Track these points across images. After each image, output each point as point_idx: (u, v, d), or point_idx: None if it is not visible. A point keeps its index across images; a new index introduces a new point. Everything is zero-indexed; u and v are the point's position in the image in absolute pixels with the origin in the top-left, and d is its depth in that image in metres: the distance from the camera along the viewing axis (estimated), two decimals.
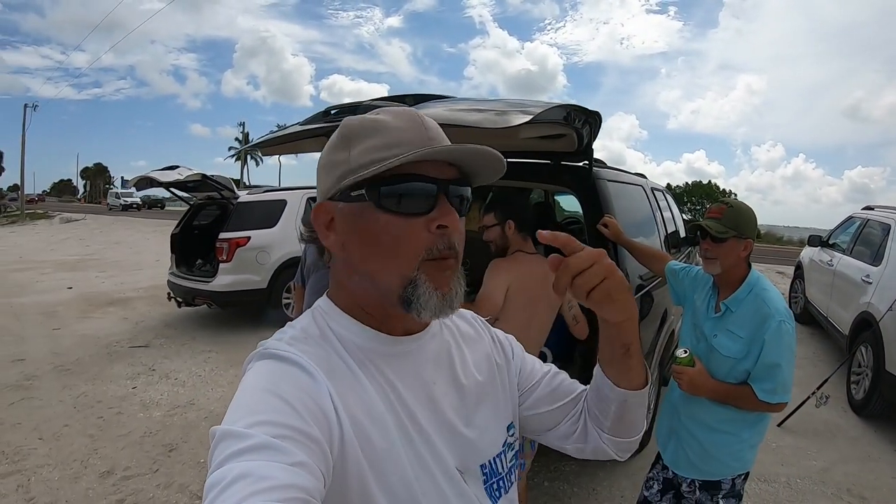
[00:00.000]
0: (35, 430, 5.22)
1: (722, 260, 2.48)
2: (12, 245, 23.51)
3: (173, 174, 8.10)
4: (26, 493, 4.15)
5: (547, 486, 4.20)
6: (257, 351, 0.94)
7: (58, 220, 36.37)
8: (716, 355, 2.49)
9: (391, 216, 0.93)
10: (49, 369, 6.98)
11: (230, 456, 0.71)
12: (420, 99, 3.19)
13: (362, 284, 0.98)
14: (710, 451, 2.54)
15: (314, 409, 0.82)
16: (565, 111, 2.86)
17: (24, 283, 13.49)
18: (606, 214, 3.43)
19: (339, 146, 0.98)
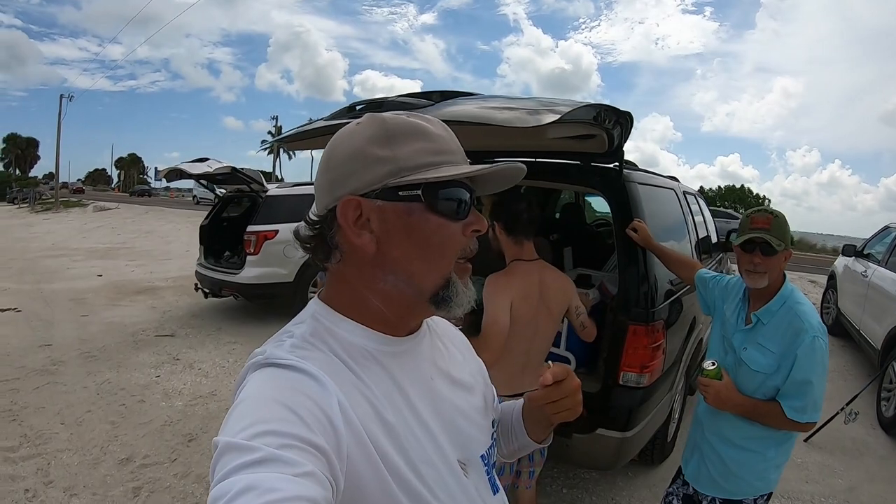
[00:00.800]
0: (58, 414, 5.28)
1: (770, 273, 2.36)
2: (46, 232, 23.96)
3: (203, 166, 8.12)
4: (45, 477, 4.19)
5: (565, 493, 4.13)
6: (255, 360, 0.92)
7: (91, 208, 36.98)
8: (744, 369, 2.40)
9: (441, 219, 0.95)
10: (75, 355, 7.06)
11: (234, 469, 0.70)
12: (447, 95, 3.13)
13: (395, 285, 0.98)
14: (733, 469, 2.46)
15: (320, 417, 0.81)
16: (595, 111, 2.79)
17: (56, 270, 13.74)
18: (636, 218, 3.36)
19: (381, 141, 0.95)
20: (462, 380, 1.16)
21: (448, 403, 1.08)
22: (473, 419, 1.13)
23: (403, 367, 1.01)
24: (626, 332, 3.26)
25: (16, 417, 5.20)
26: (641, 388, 3.29)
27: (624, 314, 3.31)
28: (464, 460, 1.06)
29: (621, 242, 3.40)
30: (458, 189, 0.96)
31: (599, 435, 3.30)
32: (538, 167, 3.97)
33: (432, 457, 0.98)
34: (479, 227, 0.99)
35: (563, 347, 3.78)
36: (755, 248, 2.35)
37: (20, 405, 5.48)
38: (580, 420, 3.26)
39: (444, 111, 2.76)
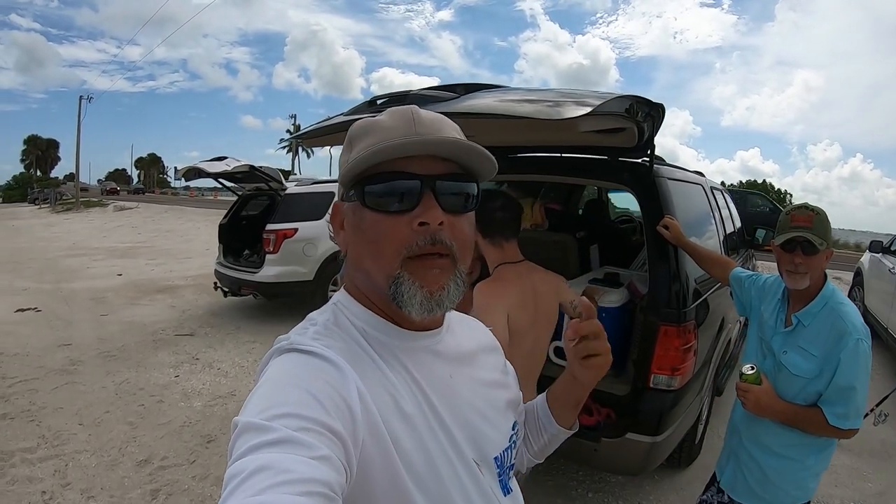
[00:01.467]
0: (76, 415, 5.27)
1: (812, 273, 2.25)
2: (66, 232, 24.33)
3: (221, 165, 8.10)
4: (62, 479, 4.17)
5: (591, 497, 4.05)
6: (278, 346, 0.93)
7: (111, 208, 37.41)
8: (784, 374, 2.30)
9: (376, 214, 0.95)
10: (94, 355, 7.07)
11: (251, 448, 0.70)
12: (471, 88, 3.04)
13: (363, 281, 1.01)
14: (772, 478, 2.37)
15: (339, 403, 0.81)
16: (628, 103, 2.67)
17: (76, 269, 13.90)
18: (667, 215, 3.26)
19: (345, 148, 1.03)
20: (484, 380, 1.15)
21: (466, 402, 1.06)
22: (492, 420, 1.11)
23: (420, 362, 1.01)
24: (657, 333, 3.16)
25: (34, 418, 5.19)
26: (672, 391, 3.19)
27: (654, 314, 3.20)
28: (478, 460, 1.04)
29: (651, 240, 3.29)
30: (391, 182, 0.94)
31: (629, 439, 3.20)
32: (566, 162, 3.92)
33: (448, 451, 0.97)
34: (424, 220, 0.93)
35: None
36: (796, 248, 2.24)
37: (39, 405, 5.47)
38: (609, 424, 3.18)
39: (466, 104, 2.70)
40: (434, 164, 0.96)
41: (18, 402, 5.56)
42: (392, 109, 1.00)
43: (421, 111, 0.99)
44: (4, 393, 5.77)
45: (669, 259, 3.25)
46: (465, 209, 1.00)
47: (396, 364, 0.97)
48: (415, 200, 0.93)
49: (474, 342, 1.20)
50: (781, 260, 2.32)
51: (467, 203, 1.00)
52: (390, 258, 0.94)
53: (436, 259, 0.95)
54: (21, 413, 5.29)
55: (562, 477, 4.26)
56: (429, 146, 0.94)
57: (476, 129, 3.26)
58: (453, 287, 0.98)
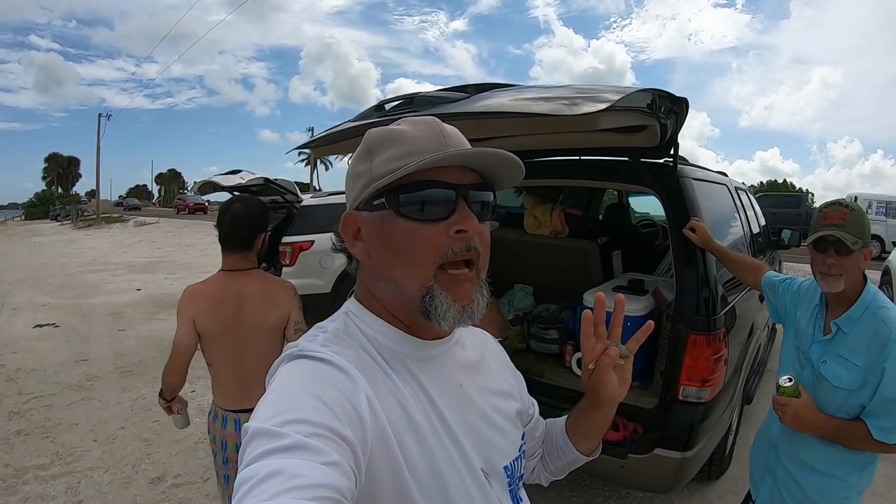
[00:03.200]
0: (91, 431, 5.28)
1: (847, 275, 2.08)
2: (87, 247, 24.90)
3: (236, 178, 8.09)
4: (75, 496, 4.16)
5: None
6: (288, 353, 0.94)
7: (132, 223, 38.28)
8: (825, 385, 2.13)
9: (411, 223, 0.95)
10: (111, 370, 7.10)
11: (263, 454, 0.71)
12: (482, 88, 2.95)
13: (388, 291, 1.00)
14: (812, 497, 2.22)
15: (349, 410, 0.82)
16: (650, 97, 2.55)
17: (96, 284, 14.14)
18: (693, 217, 3.13)
19: (362, 157, 1.01)
20: (493, 389, 1.16)
21: (475, 412, 1.07)
22: (501, 429, 1.12)
23: (431, 372, 1.01)
24: (686, 342, 3.02)
25: (48, 434, 5.21)
26: (703, 403, 3.05)
27: (683, 323, 3.07)
28: (487, 470, 1.04)
29: (678, 244, 3.16)
30: (427, 190, 0.95)
31: (657, 455, 3.05)
32: (585, 165, 3.83)
33: (456, 461, 0.97)
34: (463, 227, 0.95)
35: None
36: (828, 248, 2.09)
37: (54, 421, 5.49)
38: (636, 440, 3.04)
39: (479, 104, 2.60)
40: (464, 174, 0.98)
41: (34, 417, 5.59)
42: (412, 119, 1.02)
43: (443, 123, 1.01)
44: (21, 409, 5.81)
45: (697, 264, 3.12)
46: (488, 217, 1.02)
47: (406, 373, 0.98)
48: (451, 209, 0.95)
49: (483, 352, 1.21)
50: (814, 261, 2.17)
51: (488, 211, 1.02)
52: (426, 266, 0.95)
53: (465, 272, 0.97)
54: (36, 429, 5.30)
55: (587, 492, 4.15)
56: (470, 157, 0.97)
57: (489, 130, 3.15)
58: (481, 298, 1.01)
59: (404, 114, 2.74)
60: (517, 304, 4.65)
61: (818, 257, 2.13)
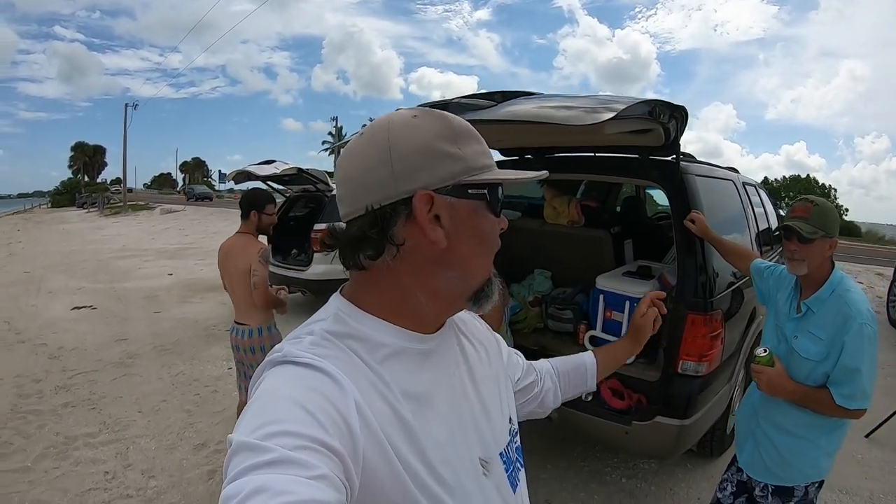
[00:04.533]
0: (135, 403, 5.59)
1: (809, 261, 2.41)
2: (116, 234, 24.70)
3: (270, 168, 8.31)
4: (124, 460, 4.46)
5: (624, 482, 4.18)
6: (272, 357, 0.91)
7: (158, 211, 37.97)
8: (795, 357, 2.45)
9: (492, 217, 1.00)
10: (149, 349, 7.41)
11: (246, 469, 0.69)
12: (509, 95, 3.24)
13: (450, 281, 0.98)
14: (786, 456, 2.51)
15: (336, 418, 0.80)
16: (650, 106, 2.87)
17: (128, 270, 14.26)
18: (693, 210, 3.41)
19: (448, 138, 0.95)
20: (484, 375, 1.16)
21: (469, 401, 1.07)
22: (493, 417, 1.12)
23: (427, 365, 1.01)
24: (685, 321, 3.31)
25: (95, 406, 5.50)
26: (700, 376, 3.34)
27: (682, 304, 3.36)
28: (485, 459, 1.05)
29: (679, 233, 3.45)
30: (501, 190, 1.01)
31: (658, 423, 3.35)
32: (599, 161, 4.12)
33: (451, 456, 0.96)
34: (504, 226, 1.03)
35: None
36: (792, 236, 2.42)
37: (99, 395, 5.79)
38: (639, 409, 3.34)
39: (505, 110, 2.90)
40: None
41: (79, 391, 5.88)
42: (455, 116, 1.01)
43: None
44: (66, 383, 6.11)
45: (696, 252, 3.40)
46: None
47: (401, 370, 0.96)
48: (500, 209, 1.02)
49: (472, 337, 1.21)
50: (783, 247, 2.52)
51: None
52: (492, 258, 1.02)
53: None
54: (82, 402, 5.60)
55: (597, 463, 4.41)
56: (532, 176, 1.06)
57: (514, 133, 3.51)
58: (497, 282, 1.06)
59: None
60: (536, 288, 4.90)
61: (784, 244, 2.49)
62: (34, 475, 4.24)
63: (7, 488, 4.06)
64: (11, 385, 6.09)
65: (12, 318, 9.15)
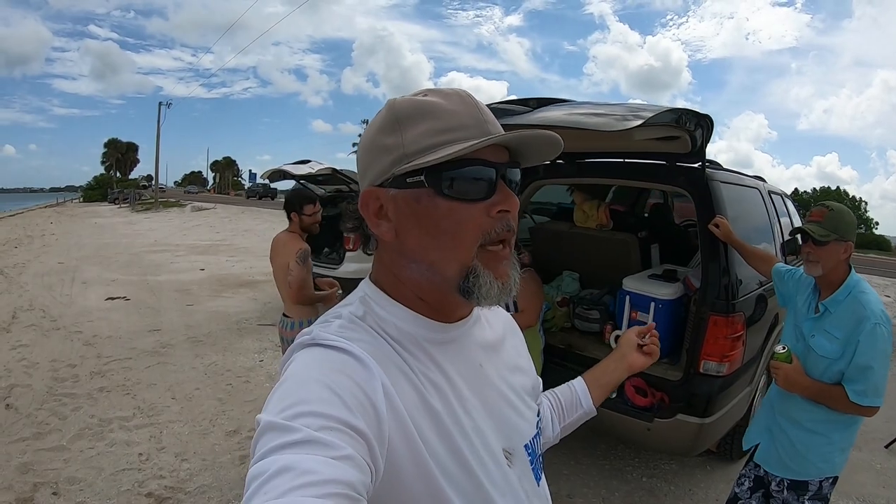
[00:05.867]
0: (168, 390, 5.76)
1: (823, 262, 2.54)
2: (148, 230, 25.08)
3: (305, 168, 8.40)
4: (158, 444, 4.61)
5: (645, 481, 4.25)
6: (301, 340, 0.91)
7: (189, 208, 38.50)
8: (812, 355, 2.56)
9: (453, 202, 0.91)
10: (182, 339, 7.61)
11: (273, 449, 0.69)
12: (543, 102, 3.39)
13: (421, 273, 0.96)
14: (800, 450, 2.61)
15: (363, 401, 0.80)
16: (676, 115, 3.00)
17: (161, 264, 14.51)
18: (718, 215, 3.51)
19: (389, 129, 0.94)
20: (510, 366, 1.15)
21: (495, 392, 1.06)
22: (519, 409, 1.11)
23: (451, 355, 0.99)
24: (707, 322, 3.41)
25: (129, 392, 5.68)
26: (721, 376, 3.43)
27: (705, 306, 3.46)
28: (509, 450, 1.03)
29: (704, 238, 3.56)
30: (471, 168, 0.91)
31: (680, 420, 3.44)
32: (628, 167, 4.23)
33: (477, 446, 0.95)
34: (506, 207, 0.94)
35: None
36: (807, 238, 2.55)
37: (133, 381, 5.96)
38: (662, 407, 3.43)
39: (539, 116, 3.05)
40: (499, 152, 0.95)
41: (114, 377, 6.07)
42: (442, 90, 0.97)
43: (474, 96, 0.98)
44: (101, 370, 6.30)
45: (720, 255, 3.50)
46: (517, 195, 0.99)
47: (425, 357, 0.96)
48: (491, 188, 0.92)
49: (500, 327, 1.19)
50: (801, 250, 2.66)
51: (517, 189, 1.00)
52: (468, 247, 0.92)
53: (504, 250, 0.96)
54: (117, 387, 5.78)
55: (618, 461, 4.49)
56: (527, 138, 0.94)
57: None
58: (515, 274, 0.98)
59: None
60: (564, 289, 5.02)
61: (801, 246, 2.63)
62: (69, 454, 4.38)
63: (43, 465, 4.21)
64: (48, 369, 6.28)
65: (48, 306, 9.39)
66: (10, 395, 5.46)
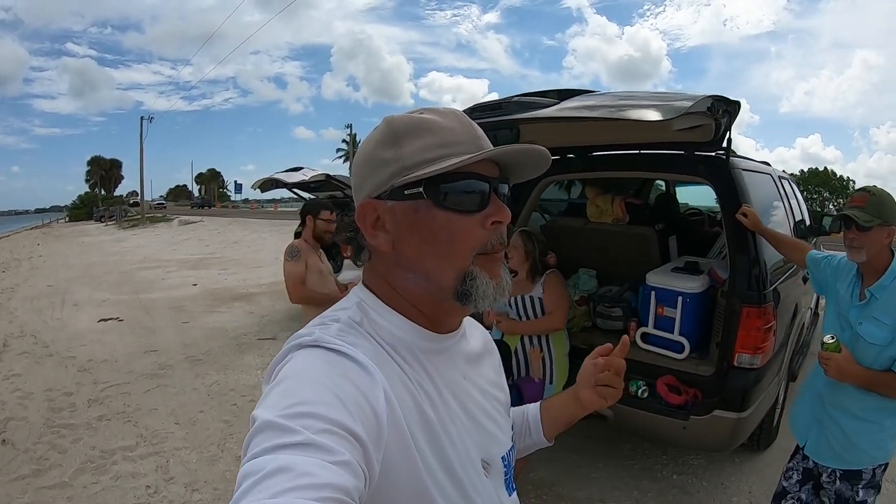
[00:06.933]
0: (171, 415, 5.52)
1: (868, 248, 2.48)
2: (136, 246, 24.99)
3: (298, 175, 8.31)
4: (165, 473, 4.38)
5: (676, 479, 4.18)
6: (301, 340, 0.91)
7: (176, 222, 38.39)
8: (861, 343, 2.49)
9: (450, 214, 0.94)
10: (181, 359, 7.37)
11: (271, 448, 0.69)
12: (564, 94, 3.32)
13: (417, 282, 0.99)
14: (853, 440, 2.55)
15: (363, 406, 0.81)
16: (710, 101, 2.92)
17: (152, 280, 14.36)
18: (745, 204, 3.44)
19: (387, 143, 0.97)
20: (489, 380, 1.18)
21: (477, 404, 1.08)
22: (497, 420, 1.14)
23: (441, 366, 1.02)
24: (740, 314, 3.33)
25: (130, 419, 5.43)
26: (755, 369, 3.35)
27: (736, 298, 3.38)
28: (487, 460, 1.06)
29: (731, 228, 3.49)
30: (467, 181, 0.95)
31: (716, 416, 3.36)
32: (643, 159, 4.15)
33: (462, 455, 0.98)
34: (499, 219, 0.97)
35: (676, 332, 3.87)
36: (851, 224, 2.50)
37: (133, 407, 5.72)
38: (696, 404, 3.33)
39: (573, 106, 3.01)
40: (490, 167, 0.99)
41: (113, 404, 5.81)
42: (436, 109, 1.02)
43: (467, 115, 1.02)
44: (98, 396, 6.04)
45: (749, 245, 3.43)
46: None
47: (418, 366, 0.98)
48: (484, 201, 0.96)
49: (480, 343, 1.22)
50: (843, 236, 2.59)
51: (508, 203, 1.02)
52: (464, 256, 0.95)
53: (497, 253, 0.99)
54: (117, 414, 5.53)
55: (646, 460, 4.41)
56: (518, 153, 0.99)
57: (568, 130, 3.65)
58: (507, 275, 1.02)
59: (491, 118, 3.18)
60: (582, 287, 4.91)
61: (845, 233, 2.56)
62: (72, 491, 4.17)
63: None
64: (43, 399, 6.03)
65: (38, 331, 9.16)
66: (5, 430, 5.21)
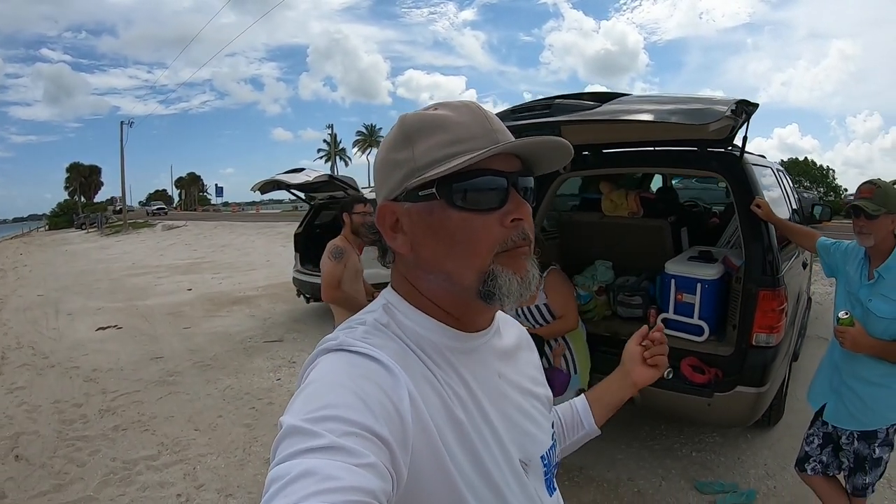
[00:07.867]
0: (189, 421, 5.48)
1: (875, 234, 2.82)
2: (122, 253, 24.71)
3: (301, 176, 8.28)
4: (194, 481, 4.35)
5: (695, 456, 4.39)
6: (326, 345, 0.91)
7: (160, 227, 38.00)
8: (871, 317, 2.83)
9: (465, 213, 0.91)
10: (189, 365, 7.36)
11: (296, 452, 0.70)
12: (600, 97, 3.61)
13: (438, 284, 0.97)
14: (869, 404, 2.90)
15: (388, 407, 0.80)
16: (734, 104, 3.18)
17: (145, 287, 14.24)
18: (757, 196, 3.73)
19: (400, 145, 0.96)
20: (527, 377, 1.16)
21: (513, 403, 1.06)
22: (536, 419, 1.11)
23: (472, 365, 1.00)
24: (757, 297, 3.60)
25: (147, 427, 5.36)
26: (771, 347, 3.63)
27: (753, 282, 3.64)
28: (525, 460, 1.03)
29: (745, 218, 3.76)
30: (481, 178, 0.92)
31: (739, 392, 3.63)
32: (657, 155, 4.43)
33: (496, 456, 0.96)
34: (518, 216, 0.94)
35: (696, 317, 4.09)
36: (860, 213, 2.83)
37: (148, 415, 5.65)
38: (718, 382, 3.62)
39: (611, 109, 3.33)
40: (510, 161, 0.96)
41: (126, 413, 5.74)
42: (450, 104, 0.99)
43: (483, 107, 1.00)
44: (110, 406, 5.97)
45: (762, 234, 3.71)
46: (531, 202, 1.00)
47: (447, 367, 0.96)
48: (503, 197, 0.93)
49: (515, 339, 1.19)
50: (853, 224, 2.91)
51: (531, 197, 1.00)
52: (484, 256, 0.92)
53: (522, 248, 0.96)
54: (133, 424, 5.45)
55: (666, 440, 4.63)
56: (535, 145, 0.96)
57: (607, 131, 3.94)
58: (534, 269, 0.99)
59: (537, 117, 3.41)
60: (599, 278, 5.11)
61: (854, 221, 2.89)
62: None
63: None
64: (52, 411, 5.92)
65: (35, 342, 9.06)
66: (17, 445, 5.08)
